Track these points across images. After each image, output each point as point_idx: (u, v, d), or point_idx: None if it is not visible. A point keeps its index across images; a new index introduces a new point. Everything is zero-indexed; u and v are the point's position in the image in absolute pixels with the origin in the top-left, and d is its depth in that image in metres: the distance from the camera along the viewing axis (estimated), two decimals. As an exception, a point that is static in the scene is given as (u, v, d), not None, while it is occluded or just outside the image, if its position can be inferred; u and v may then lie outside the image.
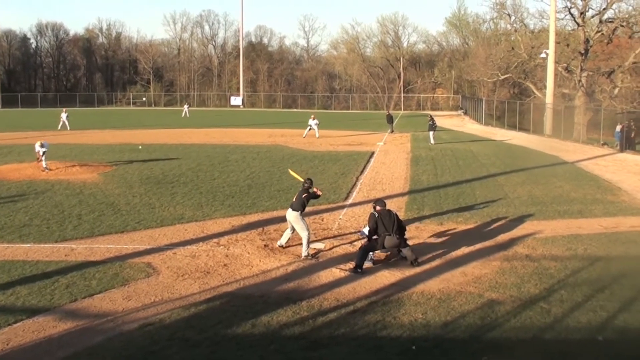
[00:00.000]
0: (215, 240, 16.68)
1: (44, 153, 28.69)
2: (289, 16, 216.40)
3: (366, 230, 15.16)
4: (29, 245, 16.25)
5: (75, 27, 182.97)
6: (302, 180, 16.11)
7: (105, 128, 60.71)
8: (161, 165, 31.51)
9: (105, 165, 31.14)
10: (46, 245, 16.17)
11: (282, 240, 15.78)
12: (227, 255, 15.14)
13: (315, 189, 15.71)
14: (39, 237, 17.02)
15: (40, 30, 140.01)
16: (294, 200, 15.50)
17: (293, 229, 15.49)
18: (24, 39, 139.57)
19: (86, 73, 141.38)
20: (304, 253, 14.99)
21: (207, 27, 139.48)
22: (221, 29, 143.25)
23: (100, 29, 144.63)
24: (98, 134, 53.94)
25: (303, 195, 15.36)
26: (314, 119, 49.43)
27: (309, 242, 15.17)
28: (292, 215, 15.21)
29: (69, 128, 57.21)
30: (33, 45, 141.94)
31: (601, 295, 12.30)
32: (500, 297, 12.21)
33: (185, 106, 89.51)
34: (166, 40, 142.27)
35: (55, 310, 11.59)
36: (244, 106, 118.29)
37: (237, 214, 19.96)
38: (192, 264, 14.44)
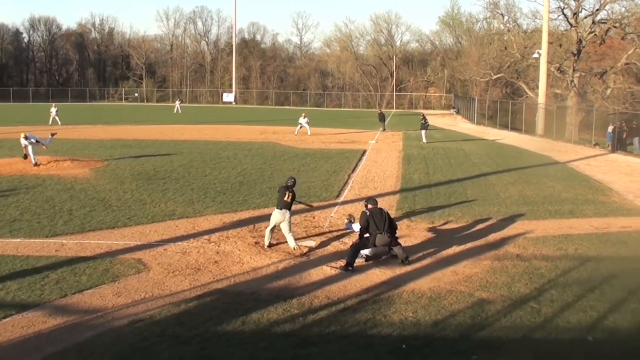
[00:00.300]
0: (206, 237, 16.64)
1: (37, 142, 28.66)
2: (282, 13, 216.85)
3: (356, 226, 15.18)
4: (19, 240, 16.18)
5: (68, 21, 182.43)
6: (311, 205, 16.13)
7: (97, 123, 60.57)
8: (153, 161, 31.43)
9: (97, 161, 31.06)
10: (37, 240, 16.10)
11: (267, 241, 15.74)
12: (217, 252, 15.12)
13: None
14: (30, 232, 16.96)
15: (33, 24, 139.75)
16: (284, 199, 15.45)
17: (274, 228, 15.55)
18: (17, 33, 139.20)
19: (78, 68, 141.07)
20: (293, 245, 15.07)
21: (200, 24, 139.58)
22: (214, 26, 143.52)
23: (93, 24, 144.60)
24: (90, 129, 53.74)
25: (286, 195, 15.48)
26: (304, 117, 49.49)
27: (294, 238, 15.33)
28: (285, 215, 15.23)
29: (59, 123, 57.02)
30: (25, 40, 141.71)
31: (591, 295, 12.33)
32: (490, 296, 12.23)
33: (177, 102, 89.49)
34: (159, 36, 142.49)
35: (45, 305, 11.55)
36: (236, 103, 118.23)
37: (229, 211, 19.92)
38: (182, 261, 14.41)
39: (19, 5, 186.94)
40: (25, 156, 28.93)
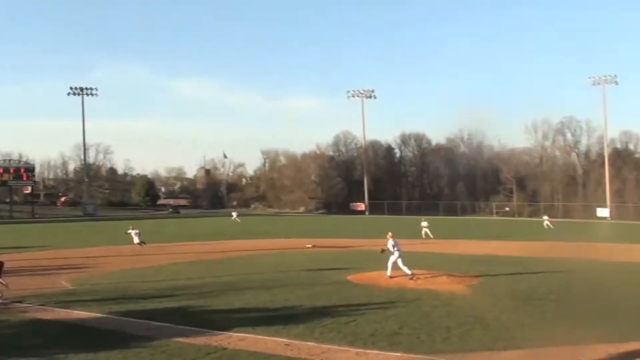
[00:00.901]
0: (594, 368, 15.29)
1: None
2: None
3: None
4: (399, 354, 16.35)
5: (437, 136, 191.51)
6: None
7: (467, 238, 61.37)
8: (528, 279, 30.45)
9: (472, 277, 30.95)
10: (416, 356, 16.13)
11: None
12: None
13: None
14: (409, 347, 17.07)
15: (404, 140, 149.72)
16: None
17: None
18: (389, 149, 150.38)
19: (448, 182, 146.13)
20: None
21: (569, 134, 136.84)
22: (584, 136, 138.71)
23: (462, 139, 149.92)
24: (462, 243, 54.61)
25: None
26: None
27: None
28: None
29: (432, 237, 59.01)
30: (397, 155, 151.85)
31: None
32: None
33: (545, 217, 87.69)
34: (527, 149, 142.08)
35: None
36: (612, 218, 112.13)
37: (614, 342, 18.03)
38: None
39: (391, 123, 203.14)
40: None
